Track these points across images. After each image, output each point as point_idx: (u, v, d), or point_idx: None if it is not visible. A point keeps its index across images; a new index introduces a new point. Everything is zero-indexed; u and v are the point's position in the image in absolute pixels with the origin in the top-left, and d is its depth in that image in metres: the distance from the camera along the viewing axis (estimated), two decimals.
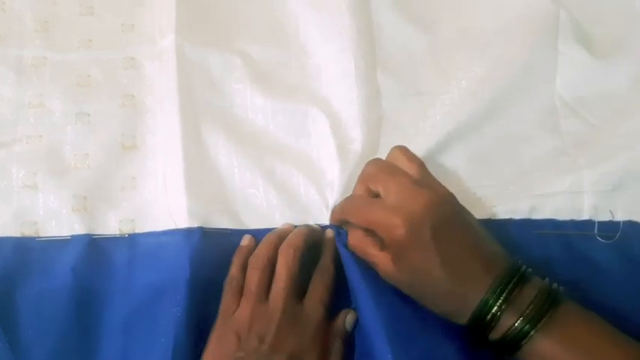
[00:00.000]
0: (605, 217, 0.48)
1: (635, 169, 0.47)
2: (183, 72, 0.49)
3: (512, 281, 0.37)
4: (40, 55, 0.50)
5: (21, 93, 0.49)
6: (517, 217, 0.47)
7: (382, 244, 0.39)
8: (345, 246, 0.43)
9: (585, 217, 0.47)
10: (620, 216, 0.48)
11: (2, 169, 0.46)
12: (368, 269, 0.41)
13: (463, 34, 0.53)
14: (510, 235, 0.46)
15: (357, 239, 0.41)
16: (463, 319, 0.38)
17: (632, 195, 0.48)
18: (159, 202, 0.47)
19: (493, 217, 0.46)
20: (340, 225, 0.45)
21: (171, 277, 0.43)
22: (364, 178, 0.43)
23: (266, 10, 0.54)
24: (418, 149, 0.47)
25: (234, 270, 0.43)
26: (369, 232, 0.40)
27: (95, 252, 0.44)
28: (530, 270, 0.39)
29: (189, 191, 0.45)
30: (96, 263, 0.44)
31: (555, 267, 0.46)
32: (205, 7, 0.53)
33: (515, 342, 0.36)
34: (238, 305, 0.41)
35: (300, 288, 0.42)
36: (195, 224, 0.45)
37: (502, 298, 0.36)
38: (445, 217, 0.39)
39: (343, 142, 0.48)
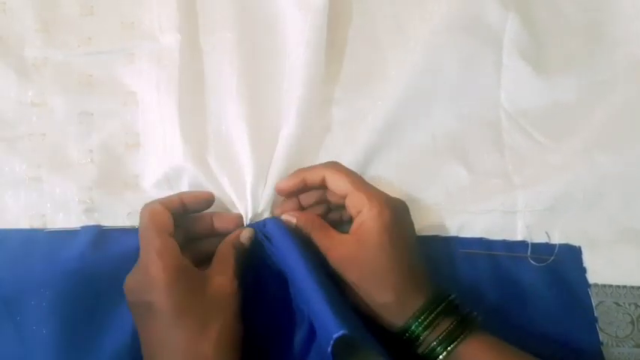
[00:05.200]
0: (541, 238, 0.46)
1: (573, 190, 0.46)
2: (182, 69, 0.48)
3: (437, 309, 0.38)
4: (41, 56, 0.50)
5: (22, 93, 0.49)
6: (445, 234, 0.46)
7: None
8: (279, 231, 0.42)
9: (519, 237, 0.46)
10: (557, 238, 0.46)
11: (7, 163, 0.47)
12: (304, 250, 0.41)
13: (413, 44, 0.51)
14: (435, 252, 0.45)
15: (315, 222, 0.42)
16: (390, 327, 0.39)
17: (569, 217, 0.46)
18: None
19: (419, 234, 0.44)
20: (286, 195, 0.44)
21: None
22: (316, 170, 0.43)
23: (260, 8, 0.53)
24: (348, 160, 0.46)
25: None
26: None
27: (104, 241, 0.45)
28: (456, 300, 0.40)
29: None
30: (105, 251, 0.44)
31: (482, 288, 0.45)
32: (204, 4, 0.52)
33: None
34: None
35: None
36: None
37: (425, 324, 0.38)
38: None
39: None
